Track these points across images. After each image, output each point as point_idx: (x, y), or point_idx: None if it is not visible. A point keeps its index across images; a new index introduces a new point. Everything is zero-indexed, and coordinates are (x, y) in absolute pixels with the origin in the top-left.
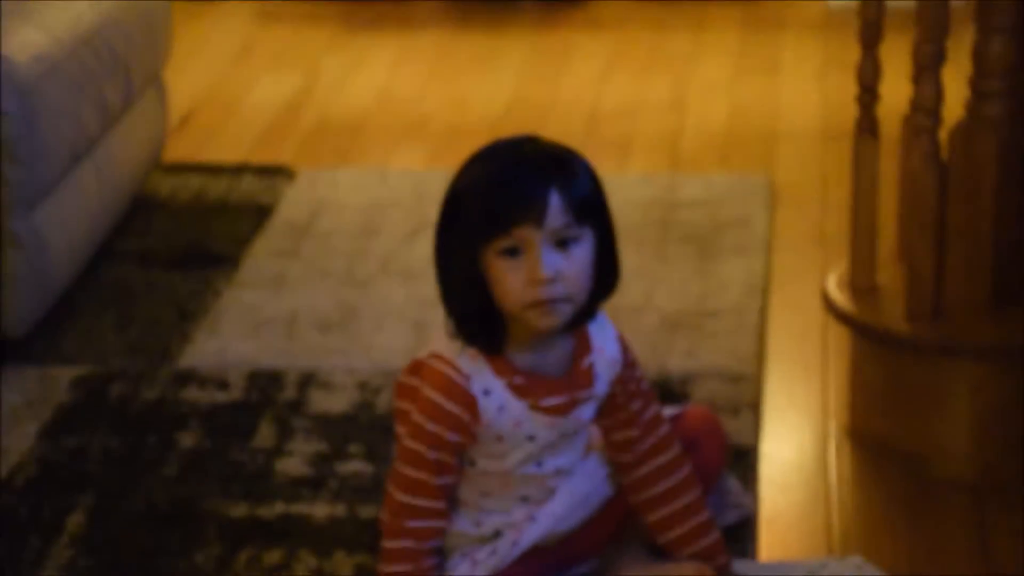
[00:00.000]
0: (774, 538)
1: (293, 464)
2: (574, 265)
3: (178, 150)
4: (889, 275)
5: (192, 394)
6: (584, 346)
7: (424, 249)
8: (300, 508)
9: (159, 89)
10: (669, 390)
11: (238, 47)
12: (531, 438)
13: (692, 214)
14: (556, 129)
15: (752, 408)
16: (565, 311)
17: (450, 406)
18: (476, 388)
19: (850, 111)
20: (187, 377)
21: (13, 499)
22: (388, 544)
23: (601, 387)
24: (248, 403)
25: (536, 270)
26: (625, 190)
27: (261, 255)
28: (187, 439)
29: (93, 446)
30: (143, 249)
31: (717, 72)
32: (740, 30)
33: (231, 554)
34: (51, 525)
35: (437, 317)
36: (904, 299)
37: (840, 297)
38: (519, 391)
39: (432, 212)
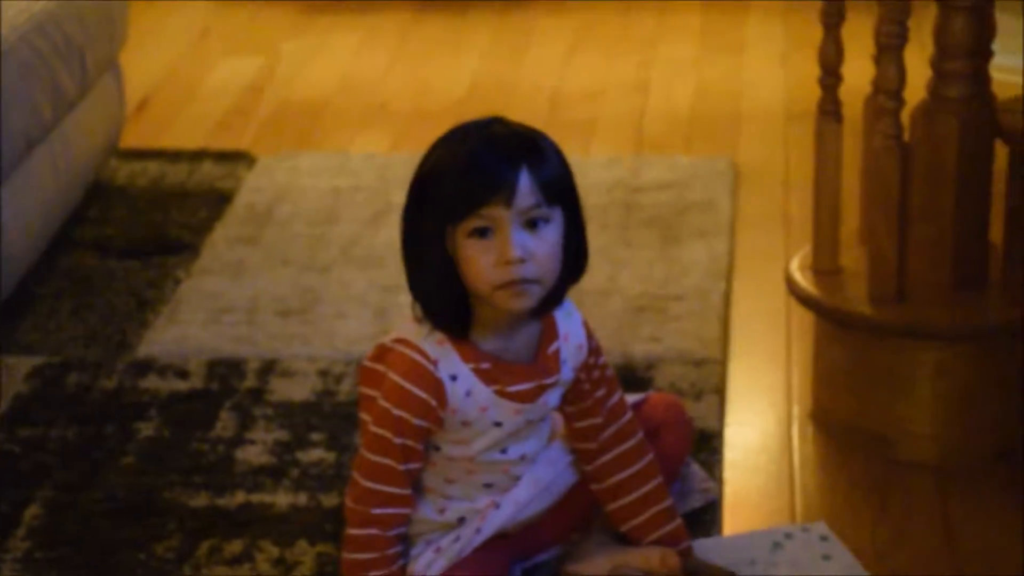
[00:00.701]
0: (738, 521)
1: (254, 453)
2: (544, 245)
3: (136, 136)
4: (852, 257)
5: (151, 383)
6: (550, 332)
7: (387, 234)
8: (262, 497)
9: (116, 74)
10: (633, 374)
11: (197, 30)
12: (498, 424)
13: (656, 197)
14: (519, 111)
15: (716, 392)
16: (535, 293)
17: (417, 391)
18: (443, 373)
19: (813, 91)
20: (146, 366)
21: None
22: (353, 532)
23: (567, 373)
24: (208, 392)
25: (506, 250)
26: (589, 173)
27: (221, 242)
28: (146, 429)
29: (51, 437)
30: (101, 237)
31: (681, 53)
32: (704, 10)
33: (192, 545)
34: (8, 518)
35: (400, 303)
36: (867, 282)
37: (803, 280)
38: (486, 377)
39: (396, 197)
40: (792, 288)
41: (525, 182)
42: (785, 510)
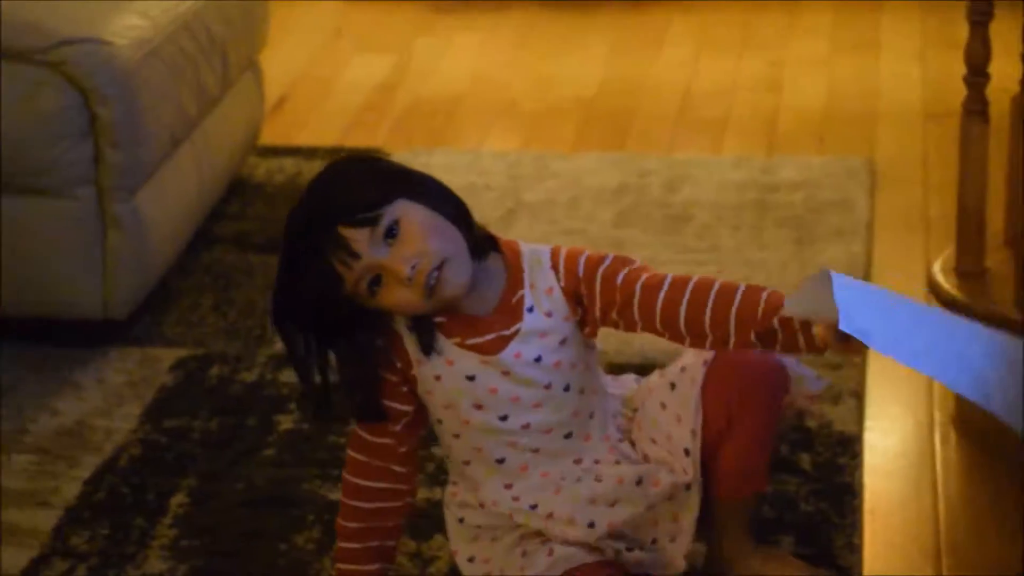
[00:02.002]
0: (877, 527)
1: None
2: (411, 237)
3: (273, 133)
4: (997, 260)
5: (290, 376)
6: (514, 282)
7: (516, 232)
8: None
9: (256, 72)
10: None
11: (331, 29)
12: (470, 378)
13: (789, 197)
14: (649, 110)
15: (855, 396)
16: (458, 268)
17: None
18: (401, 326)
19: (953, 90)
20: (284, 360)
21: (117, 479)
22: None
23: (535, 320)
24: None
25: (399, 269)
26: (720, 172)
27: None
28: (286, 421)
29: (194, 428)
30: (240, 232)
31: (813, 50)
32: (836, 7)
33: (331, 537)
34: (155, 505)
35: None
36: (1014, 284)
37: (946, 282)
38: (444, 329)
39: (526, 195)
40: (935, 290)
41: (355, 228)
42: (928, 517)
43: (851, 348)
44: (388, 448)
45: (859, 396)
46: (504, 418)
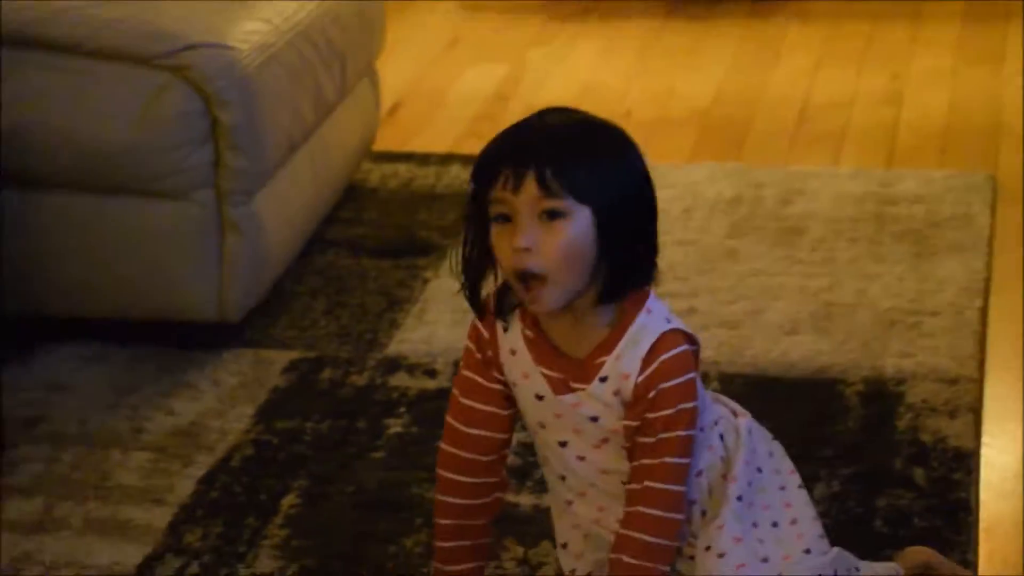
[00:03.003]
0: (994, 545)
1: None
2: (554, 239)
3: (387, 139)
4: None
5: (401, 380)
6: (608, 344)
7: None
8: (507, 496)
9: (373, 80)
10: (884, 388)
11: (446, 39)
12: (539, 398)
13: (908, 210)
14: (765, 122)
15: (972, 411)
16: (549, 293)
17: (474, 320)
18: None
19: None
20: (396, 363)
21: (230, 479)
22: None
23: (600, 390)
24: None
25: (515, 237)
26: (837, 184)
27: None
28: (396, 425)
29: (305, 429)
30: (353, 237)
31: (936, 64)
32: (961, 21)
33: None
34: (267, 505)
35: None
36: None
37: None
38: (529, 344)
39: None
40: None
41: (535, 174)
42: None
43: None
44: (479, 440)
45: (976, 411)
46: (564, 444)
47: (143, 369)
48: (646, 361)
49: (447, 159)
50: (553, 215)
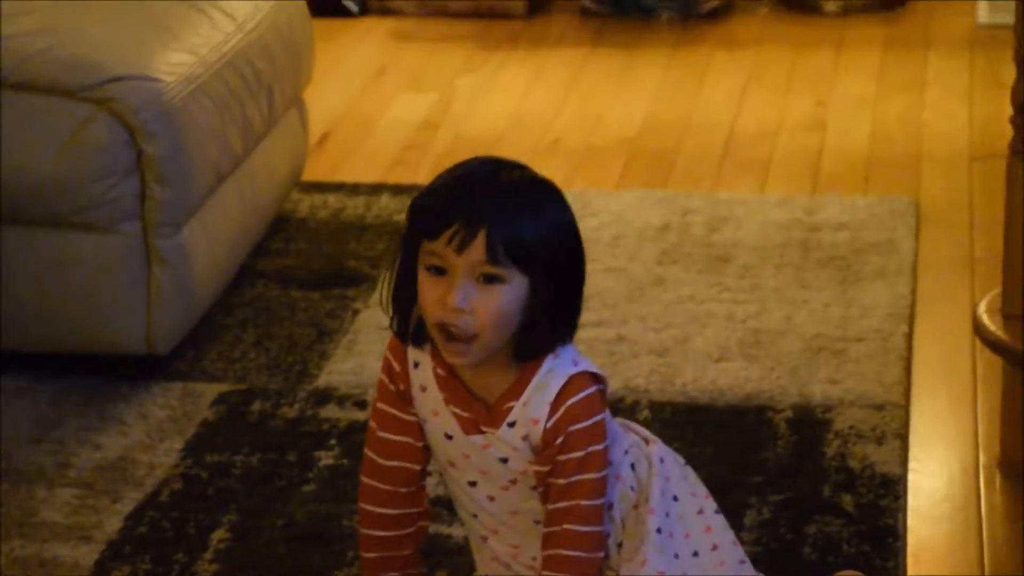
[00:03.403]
0: (922, 570)
1: (430, 485)
2: (490, 304)
3: (316, 169)
4: None
5: (331, 412)
6: (515, 390)
7: None
8: (439, 528)
9: (300, 109)
10: (811, 416)
11: (373, 68)
12: (448, 437)
13: (833, 237)
14: (693, 148)
15: (898, 437)
16: (470, 351)
17: (389, 355)
18: (411, 354)
19: (999, 131)
20: (326, 395)
21: (159, 514)
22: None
23: (510, 436)
24: None
25: (448, 295)
26: (763, 212)
27: None
28: (327, 457)
29: (235, 463)
30: (282, 268)
31: (859, 91)
32: (883, 47)
33: None
34: (196, 540)
35: (580, 338)
36: None
37: (991, 324)
38: (440, 382)
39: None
40: (980, 332)
41: (483, 238)
42: (973, 561)
43: None
44: (397, 471)
45: (903, 437)
46: (473, 484)
47: (69, 403)
48: (554, 406)
49: (377, 188)
50: (491, 279)
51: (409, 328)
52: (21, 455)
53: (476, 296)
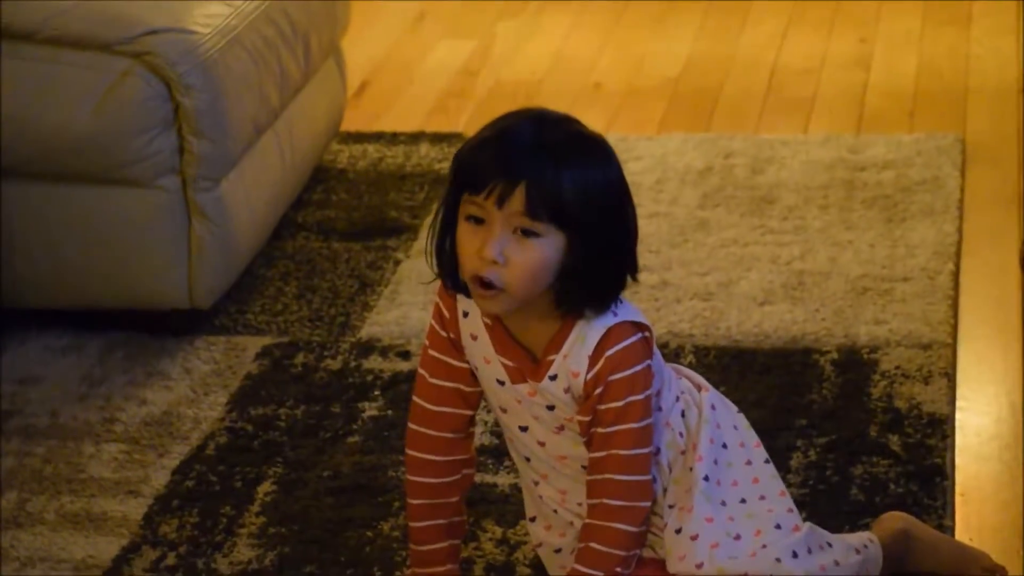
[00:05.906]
0: (969, 509)
1: (476, 434)
2: (523, 258)
3: (355, 119)
4: None
5: (375, 363)
6: (557, 343)
7: None
8: (483, 477)
9: (338, 59)
10: (858, 357)
11: (412, 15)
12: (500, 383)
13: (878, 176)
14: (735, 90)
15: (945, 376)
16: (502, 302)
17: (438, 301)
18: (460, 304)
19: None
20: (369, 346)
21: (205, 468)
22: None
23: (552, 388)
24: None
25: (485, 245)
26: (807, 152)
27: None
28: (371, 408)
29: (280, 416)
30: (323, 220)
31: (904, 27)
32: None
33: None
34: (242, 494)
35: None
36: None
37: None
38: (489, 330)
39: None
40: None
41: (522, 192)
42: (1019, 500)
43: None
44: (446, 417)
45: (950, 376)
46: (524, 429)
47: (114, 359)
48: (593, 358)
49: (416, 137)
50: (528, 233)
51: (458, 278)
52: (68, 411)
53: (511, 247)
